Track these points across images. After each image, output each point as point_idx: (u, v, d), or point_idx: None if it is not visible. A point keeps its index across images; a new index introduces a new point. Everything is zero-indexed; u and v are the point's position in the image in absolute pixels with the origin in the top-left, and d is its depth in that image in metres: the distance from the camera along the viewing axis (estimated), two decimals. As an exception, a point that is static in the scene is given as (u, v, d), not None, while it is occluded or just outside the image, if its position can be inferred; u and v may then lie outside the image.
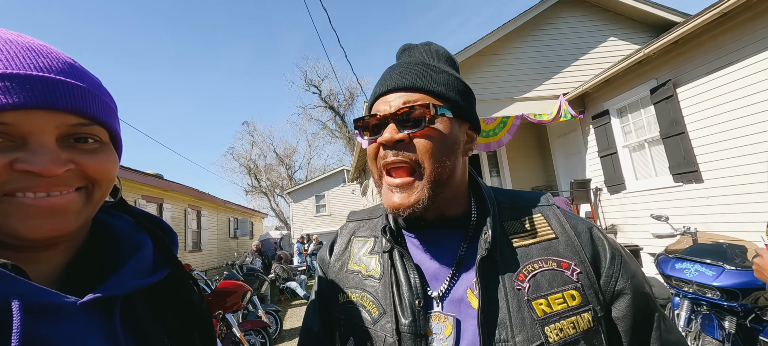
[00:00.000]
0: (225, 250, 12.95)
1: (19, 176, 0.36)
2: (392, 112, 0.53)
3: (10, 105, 0.34)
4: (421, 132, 0.52)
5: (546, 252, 0.54)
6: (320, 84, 24.43)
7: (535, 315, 0.49)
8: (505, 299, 0.50)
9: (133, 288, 0.42)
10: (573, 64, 6.14)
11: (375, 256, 0.62)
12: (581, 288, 0.51)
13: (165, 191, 8.59)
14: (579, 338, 0.48)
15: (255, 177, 27.46)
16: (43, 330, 0.35)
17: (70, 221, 0.39)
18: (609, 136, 5.51)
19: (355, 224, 0.71)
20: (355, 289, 0.60)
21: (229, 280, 4.65)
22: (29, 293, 0.34)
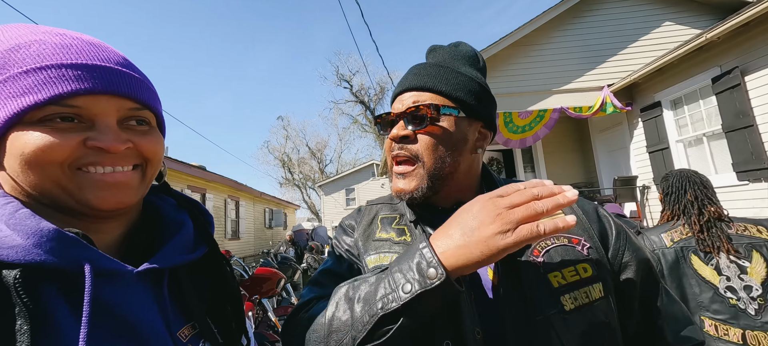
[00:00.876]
0: (260, 239, 13.62)
1: (90, 152, 0.41)
2: (402, 111, 0.60)
3: (83, 90, 0.39)
4: (424, 129, 0.59)
5: None
6: (351, 79, 24.73)
7: (551, 286, 0.53)
8: (523, 272, 0.54)
9: (178, 262, 0.47)
10: (620, 53, 5.70)
11: (403, 227, 0.67)
12: (592, 262, 0.55)
13: (207, 181, 9.18)
14: (592, 305, 0.52)
15: (288, 170, 28.50)
16: (106, 292, 0.39)
17: (130, 195, 0.44)
18: (660, 130, 5.07)
19: (378, 206, 0.77)
20: (387, 253, 0.64)
21: (265, 267, 4.89)
22: (97, 259, 0.38)
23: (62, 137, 0.39)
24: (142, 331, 0.41)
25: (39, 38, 0.40)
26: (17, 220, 0.36)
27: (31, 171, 0.38)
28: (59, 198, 0.40)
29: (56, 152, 0.38)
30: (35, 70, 0.38)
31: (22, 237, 0.35)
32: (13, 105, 0.38)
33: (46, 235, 0.36)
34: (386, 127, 0.64)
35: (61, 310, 0.36)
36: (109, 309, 0.39)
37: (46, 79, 0.38)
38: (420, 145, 0.59)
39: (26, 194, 0.40)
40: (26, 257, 0.35)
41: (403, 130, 0.60)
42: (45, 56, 0.39)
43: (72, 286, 0.37)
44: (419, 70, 0.63)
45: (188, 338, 0.46)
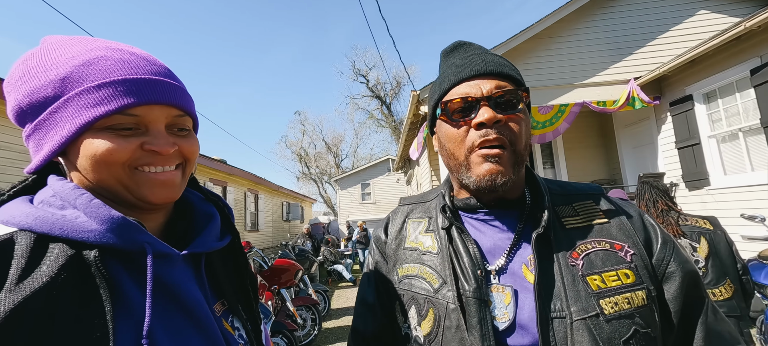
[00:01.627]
0: (278, 231, 13.93)
1: (145, 155, 0.47)
2: (486, 95, 0.56)
3: (141, 102, 0.46)
4: (515, 115, 0.56)
5: (598, 234, 0.57)
6: (368, 73, 24.71)
7: (590, 289, 0.52)
8: (560, 273, 0.53)
9: (212, 248, 0.53)
10: (648, 45, 5.44)
11: (430, 234, 0.66)
12: (635, 268, 0.53)
13: (228, 175, 9.46)
14: (633, 312, 0.50)
15: (305, 164, 28.92)
16: (161, 270, 0.45)
17: (175, 191, 0.50)
18: (691, 124, 4.82)
19: (409, 207, 0.76)
20: (414, 263, 0.64)
21: (283, 259, 5.03)
22: (152, 242, 0.45)
23: (125, 142, 0.45)
24: (189, 304, 0.47)
25: (102, 54, 0.47)
26: (93, 208, 0.42)
27: (99, 170, 0.45)
28: (120, 193, 0.47)
29: (120, 154, 0.45)
30: (105, 85, 0.44)
31: (97, 223, 0.42)
32: (88, 114, 0.44)
33: (115, 221, 0.42)
34: (460, 113, 0.57)
35: (127, 282, 0.43)
36: (164, 284, 0.46)
37: (113, 93, 0.44)
38: (512, 132, 0.56)
39: (93, 188, 0.46)
40: (101, 240, 0.41)
41: (496, 113, 0.55)
42: (110, 71, 0.46)
43: (133, 264, 0.44)
44: (485, 58, 0.60)
45: (220, 312, 0.53)
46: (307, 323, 4.44)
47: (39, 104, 0.45)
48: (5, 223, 0.41)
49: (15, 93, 0.46)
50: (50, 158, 0.46)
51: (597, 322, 0.49)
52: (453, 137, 0.59)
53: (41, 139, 0.46)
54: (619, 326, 0.49)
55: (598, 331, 0.49)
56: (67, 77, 0.44)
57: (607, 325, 0.49)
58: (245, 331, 0.55)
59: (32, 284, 0.36)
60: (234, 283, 0.58)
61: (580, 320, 0.49)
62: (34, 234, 0.40)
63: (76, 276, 0.39)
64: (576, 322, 0.50)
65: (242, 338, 0.54)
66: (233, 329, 0.53)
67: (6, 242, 0.38)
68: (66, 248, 0.40)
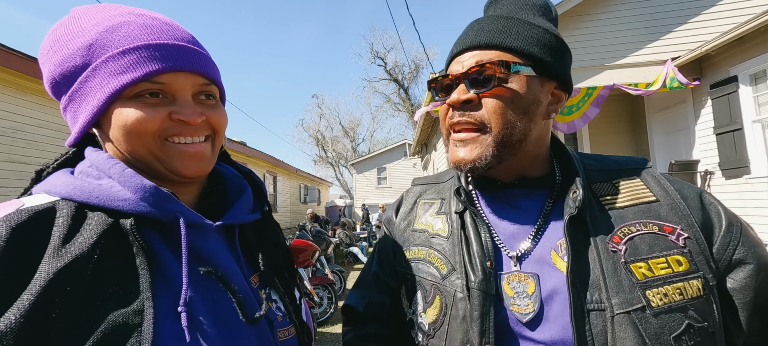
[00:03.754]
0: (296, 213, 14.26)
1: (174, 125, 0.46)
2: (463, 72, 0.53)
3: (167, 68, 0.45)
4: (490, 92, 0.51)
5: (645, 215, 0.50)
6: (386, 56, 24.36)
7: (635, 278, 0.46)
8: (598, 260, 0.47)
9: (244, 220, 0.53)
10: (690, 22, 5.04)
11: (442, 216, 0.62)
12: (689, 254, 0.47)
13: (248, 157, 9.67)
14: (686, 305, 0.44)
15: (322, 148, 29.21)
16: (195, 240, 0.46)
17: (207, 164, 0.50)
18: (733, 108, 4.48)
19: (421, 187, 0.72)
20: (423, 246, 0.61)
21: (301, 239, 5.14)
22: (186, 212, 0.45)
23: (153, 111, 0.44)
24: (225, 273, 0.47)
25: (126, 19, 0.46)
26: (126, 178, 0.43)
27: (131, 140, 0.45)
28: (152, 164, 0.47)
29: (150, 124, 0.44)
30: (130, 51, 0.44)
31: (131, 192, 0.42)
32: (115, 82, 0.43)
33: (148, 190, 0.43)
34: (442, 92, 0.56)
35: (164, 251, 0.44)
36: (199, 253, 0.46)
37: (137, 59, 0.43)
38: (486, 110, 0.51)
39: (126, 159, 0.47)
40: (136, 208, 0.42)
41: (464, 93, 0.52)
42: (134, 37, 0.45)
43: (167, 233, 0.45)
44: (483, 25, 0.54)
45: (257, 285, 0.53)
46: (324, 302, 4.57)
47: (70, 74, 0.45)
48: (48, 192, 0.43)
49: (48, 64, 0.46)
50: (86, 130, 0.47)
51: (643, 316, 0.44)
52: (440, 115, 0.58)
53: (76, 111, 0.46)
54: (668, 320, 0.44)
55: (645, 326, 0.43)
56: (93, 44, 0.44)
57: (654, 319, 0.44)
58: (283, 303, 0.55)
59: (74, 250, 0.37)
60: (269, 256, 0.57)
61: (623, 313, 0.44)
62: (75, 203, 0.41)
63: (115, 244, 0.40)
64: (618, 315, 0.44)
65: (280, 309, 0.54)
66: (270, 301, 0.53)
67: (49, 210, 0.39)
68: (104, 216, 0.41)
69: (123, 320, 0.36)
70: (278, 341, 0.50)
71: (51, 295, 0.34)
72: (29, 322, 0.33)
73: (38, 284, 0.34)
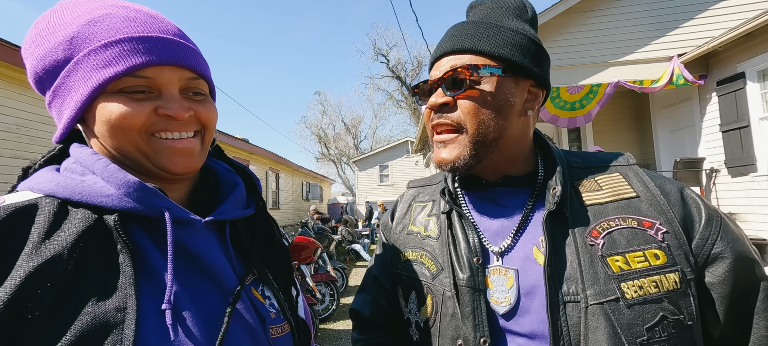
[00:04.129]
0: (298, 210, 14.30)
1: (160, 120, 0.45)
2: (440, 77, 0.55)
3: (152, 62, 0.43)
4: (463, 94, 0.54)
5: (624, 210, 0.52)
6: (388, 53, 24.28)
7: (610, 271, 0.47)
8: (576, 254, 0.49)
9: (235, 216, 0.52)
10: (697, 17, 4.97)
11: (433, 217, 0.65)
12: (667, 248, 0.48)
13: (250, 153, 9.69)
14: (662, 297, 0.46)
15: (324, 145, 29.23)
16: (183, 236, 0.45)
17: (196, 160, 0.48)
18: (740, 105, 4.43)
19: (415, 190, 0.75)
20: (415, 248, 0.64)
21: (303, 236, 5.15)
22: (172, 208, 0.44)
23: (138, 106, 0.43)
24: (213, 269, 0.46)
25: (108, 12, 0.44)
26: (109, 173, 0.42)
27: (116, 135, 0.43)
28: (139, 160, 0.45)
29: (135, 119, 0.43)
30: (112, 44, 0.42)
31: (115, 187, 0.41)
32: (97, 77, 0.42)
33: (132, 186, 0.41)
34: (425, 96, 0.59)
35: (150, 248, 0.42)
36: (186, 249, 0.45)
37: (121, 52, 0.42)
38: (460, 112, 0.54)
39: (111, 156, 0.45)
40: (119, 204, 0.41)
41: (441, 97, 0.55)
42: (117, 29, 0.43)
43: (154, 229, 0.44)
44: (456, 31, 0.57)
45: (250, 281, 0.52)
46: (326, 298, 4.58)
47: (53, 68, 0.44)
48: (32, 189, 0.42)
49: (30, 59, 0.45)
50: (71, 125, 0.46)
51: (616, 306, 0.45)
52: (425, 119, 0.61)
53: (61, 106, 0.45)
54: (642, 311, 0.45)
55: (617, 316, 0.45)
56: (75, 37, 0.43)
57: (628, 310, 0.45)
58: (277, 300, 0.53)
59: (53, 247, 0.36)
60: (263, 252, 0.56)
61: (596, 304, 0.46)
62: (58, 200, 0.40)
63: (99, 241, 0.39)
64: (592, 306, 0.46)
65: (274, 306, 0.52)
66: (264, 298, 0.52)
67: (30, 207, 0.38)
68: (87, 213, 0.40)
69: (104, 317, 0.35)
70: (270, 339, 0.48)
71: (26, 294, 0.33)
72: (4, 319, 0.32)
73: (12, 283, 0.33)
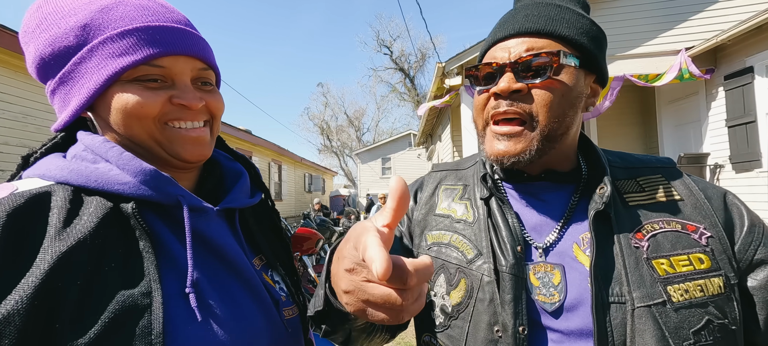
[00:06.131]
0: (301, 202, 14.36)
1: (174, 109, 0.45)
2: (512, 61, 0.50)
3: (167, 52, 0.43)
4: (544, 83, 0.49)
5: (668, 213, 0.51)
6: (392, 44, 24.06)
7: (656, 274, 0.47)
8: (621, 255, 0.48)
9: (244, 204, 0.53)
10: (706, 10, 4.88)
11: (466, 202, 0.62)
12: (711, 252, 0.48)
13: (253, 145, 9.72)
14: (707, 301, 0.45)
15: (327, 137, 29.18)
16: (198, 223, 0.46)
17: (207, 148, 0.49)
18: (747, 100, 4.37)
19: (442, 173, 0.71)
20: (446, 231, 0.60)
21: (305, 228, 5.20)
22: (187, 196, 0.45)
23: (153, 95, 0.43)
24: (229, 255, 0.47)
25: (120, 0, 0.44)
26: (124, 161, 0.42)
27: (131, 124, 0.44)
28: (152, 148, 0.46)
29: (151, 108, 0.43)
30: (128, 33, 0.42)
31: (131, 175, 0.41)
32: (114, 65, 0.42)
33: (149, 174, 0.42)
34: (481, 81, 0.53)
35: (167, 234, 0.43)
36: (202, 236, 0.46)
37: (137, 41, 0.42)
38: (536, 103, 0.50)
39: (123, 143, 0.45)
40: (136, 192, 0.41)
41: (514, 82, 0.49)
42: (132, 18, 0.43)
43: (168, 216, 0.44)
44: (531, 11, 0.52)
45: (260, 266, 0.54)
46: (328, 289, 4.63)
47: (62, 54, 0.43)
48: (41, 177, 0.41)
49: (35, 43, 0.44)
50: (79, 113, 0.45)
51: (663, 310, 0.45)
52: (476, 106, 0.56)
53: (68, 94, 0.44)
54: (689, 315, 0.45)
55: (665, 319, 0.44)
56: (88, 25, 0.42)
57: (675, 314, 0.45)
58: (285, 284, 0.55)
59: (76, 233, 0.36)
60: (269, 239, 0.57)
61: (643, 307, 0.45)
62: (71, 187, 0.40)
63: (117, 228, 0.39)
64: (638, 309, 0.45)
65: (283, 290, 0.54)
66: (273, 282, 0.54)
67: (43, 194, 0.38)
68: (103, 200, 0.40)
69: (131, 301, 0.36)
70: (285, 320, 0.50)
71: (56, 277, 0.33)
72: (36, 304, 0.32)
73: (43, 267, 0.33)
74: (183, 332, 0.38)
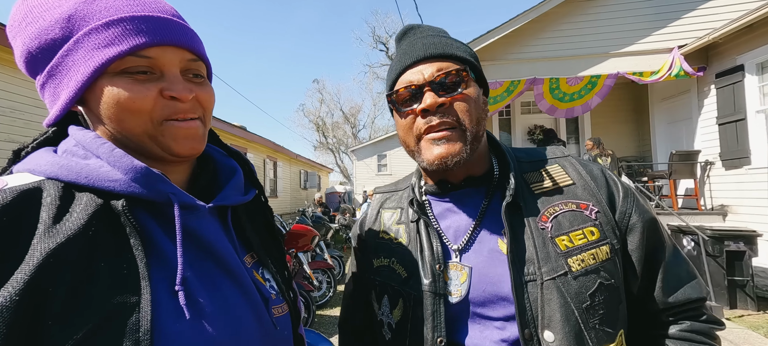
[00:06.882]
0: (296, 199, 14.32)
1: (166, 104, 0.44)
2: (428, 81, 0.56)
3: (155, 42, 0.42)
4: (459, 95, 0.57)
5: (565, 196, 0.59)
6: (388, 41, 23.98)
7: (559, 249, 0.54)
8: (532, 238, 0.55)
9: (236, 202, 0.52)
10: (698, 9, 4.94)
11: (402, 225, 0.68)
12: (600, 225, 0.56)
13: (248, 142, 9.64)
14: (598, 267, 0.53)
15: (323, 134, 29.07)
16: (189, 221, 0.45)
17: (200, 143, 0.48)
18: (737, 98, 4.44)
19: (382, 196, 0.78)
20: (386, 255, 0.67)
21: (301, 224, 5.18)
22: (178, 194, 0.44)
23: (144, 88, 0.42)
24: (219, 253, 0.46)
25: None
26: (115, 158, 0.41)
27: (124, 118, 0.43)
28: (145, 143, 0.44)
29: (143, 102, 0.42)
30: (114, 23, 0.41)
31: (122, 172, 0.41)
32: (100, 56, 0.41)
33: (139, 171, 0.41)
34: (403, 103, 0.59)
35: (157, 232, 0.43)
36: (193, 234, 0.45)
37: (123, 31, 0.41)
38: (460, 113, 0.56)
39: (114, 138, 0.44)
40: (127, 189, 0.40)
41: (438, 98, 0.56)
42: (117, 8, 0.42)
43: (159, 214, 0.44)
44: (428, 42, 0.60)
45: (250, 264, 0.53)
46: (323, 286, 4.64)
47: (48, 47, 0.42)
48: (31, 172, 0.40)
49: (21, 37, 0.43)
50: (68, 107, 0.44)
51: (565, 279, 0.52)
52: (403, 126, 0.61)
53: (57, 87, 0.44)
54: (585, 281, 0.52)
55: (567, 288, 0.52)
56: (73, 16, 0.41)
57: (574, 282, 0.52)
58: (276, 282, 0.55)
59: (66, 229, 0.35)
60: (262, 236, 0.57)
61: (550, 279, 0.52)
62: (61, 183, 0.39)
63: (107, 225, 0.38)
64: (546, 282, 0.52)
65: (273, 288, 0.54)
66: (264, 279, 0.53)
67: (34, 190, 0.37)
68: (94, 196, 0.39)
69: (120, 299, 0.36)
70: (273, 318, 0.50)
71: (46, 274, 0.33)
72: (24, 301, 0.31)
73: (32, 263, 0.33)
74: (171, 330, 0.38)
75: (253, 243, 0.54)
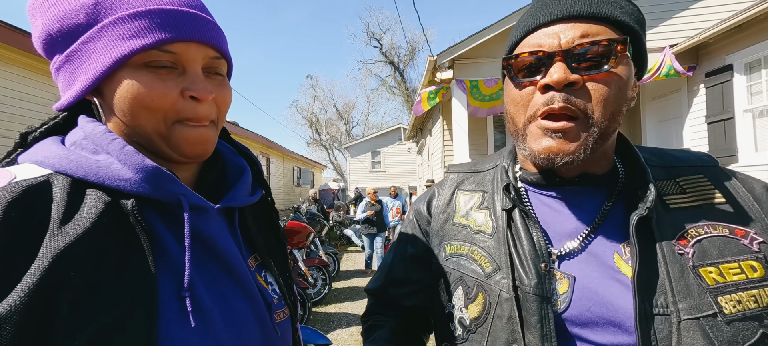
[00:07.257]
0: (289, 195, 14.23)
1: (186, 105, 0.43)
2: (564, 49, 0.44)
3: (180, 37, 0.41)
4: (602, 75, 0.43)
5: (714, 217, 0.47)
6: (382, 37, 23.92)
7: (705, 283, 0.43)
8: (665, 263, 0.44)
9: (245, 203, 0.52)
10: (690, 8, 5.01)
11: (485, 211, 0.58)
12: (764, 260, 0.43)
13: (241, 137, 9.53)
14: (761, 313, 0.41)
15: (316, 130, 28.94)
16: (197, 222, 0.44)
17: (210, 145, 0.47)
18: (726, 97, 4.53)
19: (458, 176, 0.67)
20: (465, 242, 0.58)
21: (295, 222, 5.15)
22: (188, 194, 0.43)
23: (164, 85, 0.41)
24: (226, 256, 0.46)
25: None
26: (126, 156, 0.40)
27: (139, 114, 0.41)
28: (155, 141, 0.43)
29: (163, 99, 0.41)
30: (140, 15, 0.40)
31: (132, 171, 0.39)
32: (124, 47, 0.40)
33: (150, 171, 0.40)
34: (521, 71, 0.47)
35: (165, 233, 0.42)
36: (201, 236, 0.44)
37: (149, 24, 0.40)
38: (593, 98, 0.44)
39: (124, 133, 0.43)
40: (137, 189, 0.39)
41: (569, 73, 0.43)
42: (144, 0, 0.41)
43: (167, 214, 0.43)
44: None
45: (254, 267, 0.52)
46: (318, 283, 4.63)
47: (71, 32, 0.41)
48: (39, 164, 0.39)
49: (42, 17, 0.42)
50: (83, 94, 0.43)
51: (714, 323, 0.41)
52: (515, 100, 0.49)
53: (73, 73, 0.42)
54: (742, 328, 0.41)
55: (716, 333, 0.41)
56: (99, 3, 0.40)
57: (727, 327, 0.41)
58: (278, 285, 0.54)
59: (75, 228, 0.35)
60: (266, 238, 0.56)
61: (692, 319, 0.41)
62: (70, 178, 0.38)
63: (114, 224, 0.38)
64: (685, 321, 0.42)
65: (275, 292, 0.53)
66: (266, 283, 0.53)
67: (43, 184, 0.36)
68: (103, 194, 0.38)
69: (127, 301, 0.35)
70: (275, 323, 0.49)
71: (55, 275, 0.32)
72: (33, 304, 0.31)
73: (41, 264, 0.32)
74: (176, 335, 0.38)
75: (258, 245, 0.54)
